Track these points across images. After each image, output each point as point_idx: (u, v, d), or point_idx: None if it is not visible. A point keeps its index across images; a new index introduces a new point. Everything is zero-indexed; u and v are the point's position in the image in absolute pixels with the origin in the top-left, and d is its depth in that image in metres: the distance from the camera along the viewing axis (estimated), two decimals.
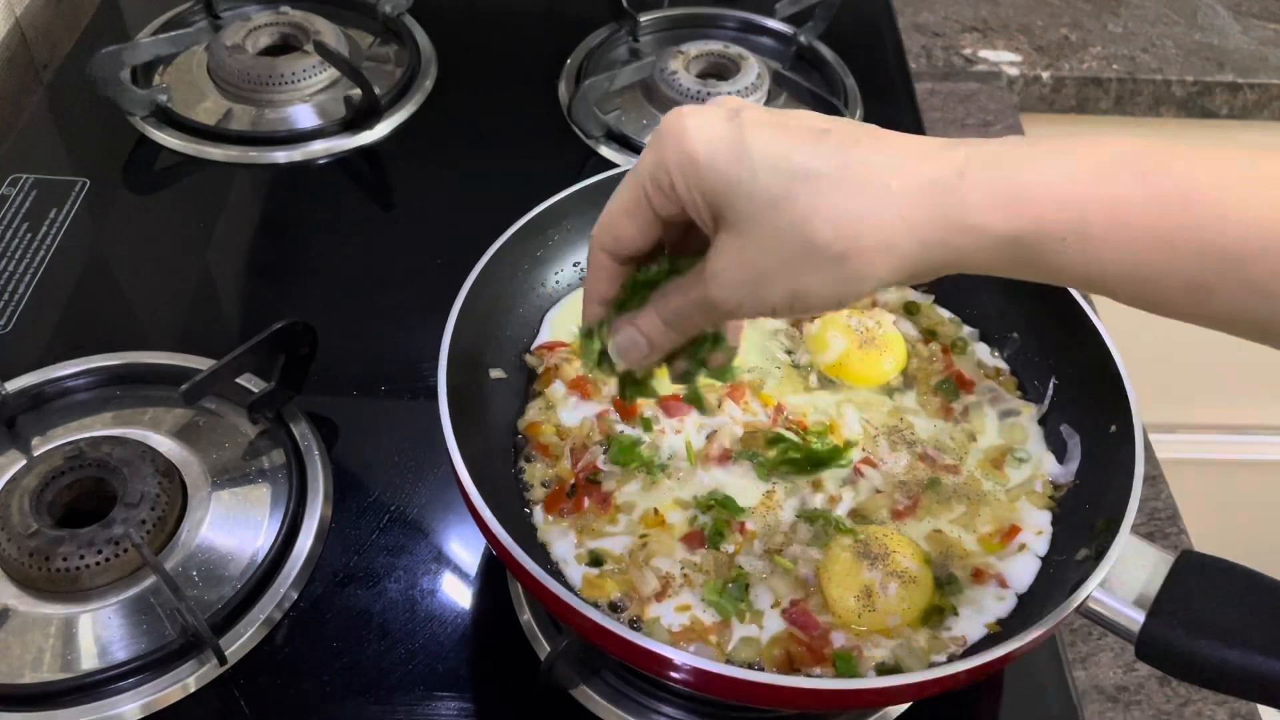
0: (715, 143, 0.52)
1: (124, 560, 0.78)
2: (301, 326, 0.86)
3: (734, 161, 0.52)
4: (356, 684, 0.76)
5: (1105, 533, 0.69)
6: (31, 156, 1.15)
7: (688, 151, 0.53)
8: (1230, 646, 0.60)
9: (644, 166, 0.55)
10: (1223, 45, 1.57)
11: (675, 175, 0.53)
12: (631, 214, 0.57)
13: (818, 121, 0.53)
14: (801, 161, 0.51)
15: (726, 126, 0.52)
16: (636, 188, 0.56)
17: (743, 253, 0.53)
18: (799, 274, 0.52)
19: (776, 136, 0.52)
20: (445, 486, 0.88)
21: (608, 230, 0.59)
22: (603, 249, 0.60)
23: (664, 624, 0.70)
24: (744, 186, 0.51)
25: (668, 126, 0.54)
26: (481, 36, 1.35)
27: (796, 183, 0.50)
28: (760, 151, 0.51)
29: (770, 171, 0.51)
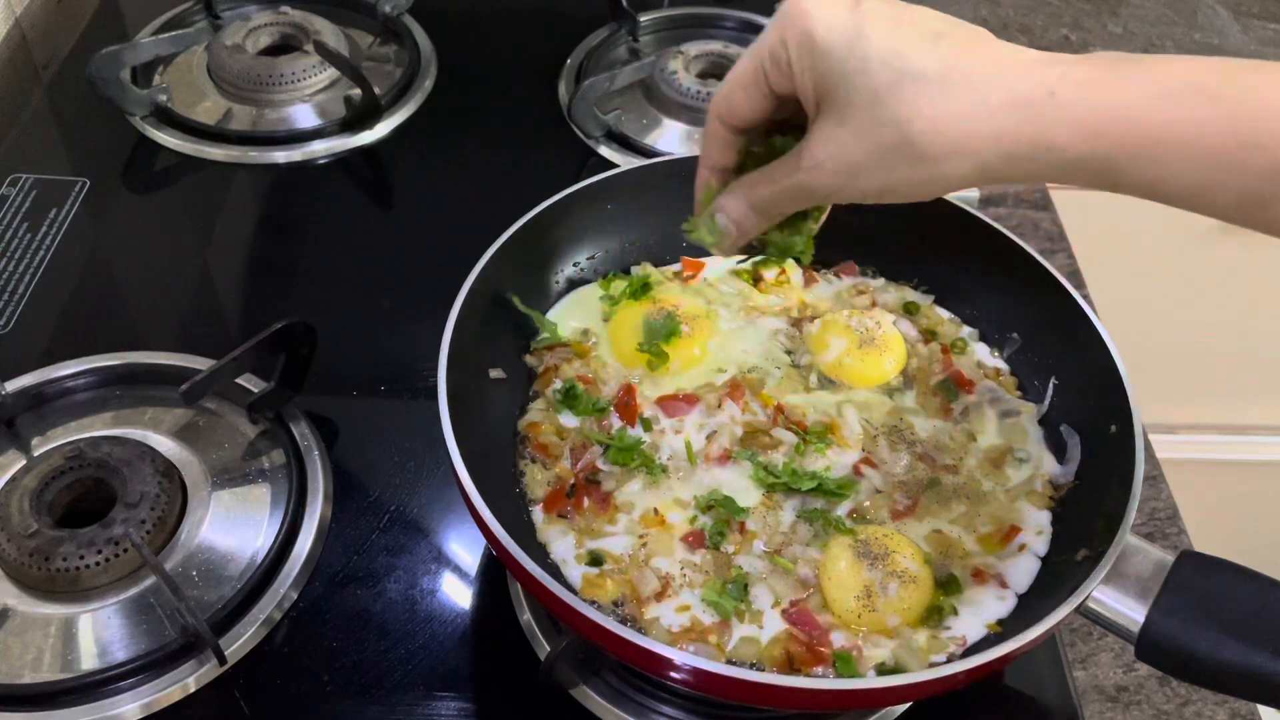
0: (834, 27, 0.54)
1: (124, 560, 0.78)
2: (301, 326, 0.86)
3: (849, 49, 0.54)
4: (356, 684, 0.76)
5: (1105, 533, 0.69)
6: (31, 156, 1.15)
7: (807, 31, 0.55)
8: (1230, 646, 0.60)
9: (765, 41, 0.58)
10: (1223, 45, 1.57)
11: (793, 53, 0.56)
12: (747, 87, 0.60)
13: (934, 23, 0.55)
14: (913, 61, 0.53)
15: (848, 13, 0.55)
16: (756, 61, 0.59)
17: (841, 141, 0.56)
18: (891, 167, 0.55)
19: (893, 31, 0.54)
20: (445, 486, 0.88)
21: (724, 100, 0.62)
22: (718, 117, 0.63)
23: (664, 624, 0.70)
24: (854, 76, 0.54)
25: (792, 10, 0.56)
26: (481, 36, 1.35)
27: (904, 80, 0.53)
28: (876, 44, 0.54)
29: (882, 65, 0.53)
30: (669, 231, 0.93)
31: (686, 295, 0.89)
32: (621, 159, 1.17)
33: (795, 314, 0.89)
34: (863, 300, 0.90)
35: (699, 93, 1.20)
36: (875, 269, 0.94)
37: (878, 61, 0.54)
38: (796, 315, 0.89)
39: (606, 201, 0.90)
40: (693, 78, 1.22)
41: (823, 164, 0.57)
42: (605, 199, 0.90)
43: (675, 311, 0.86)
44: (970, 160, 0.54)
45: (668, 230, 0.93)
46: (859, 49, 0.54)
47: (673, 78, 1.21)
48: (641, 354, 0.84)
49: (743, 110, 0.62)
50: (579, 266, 0.91)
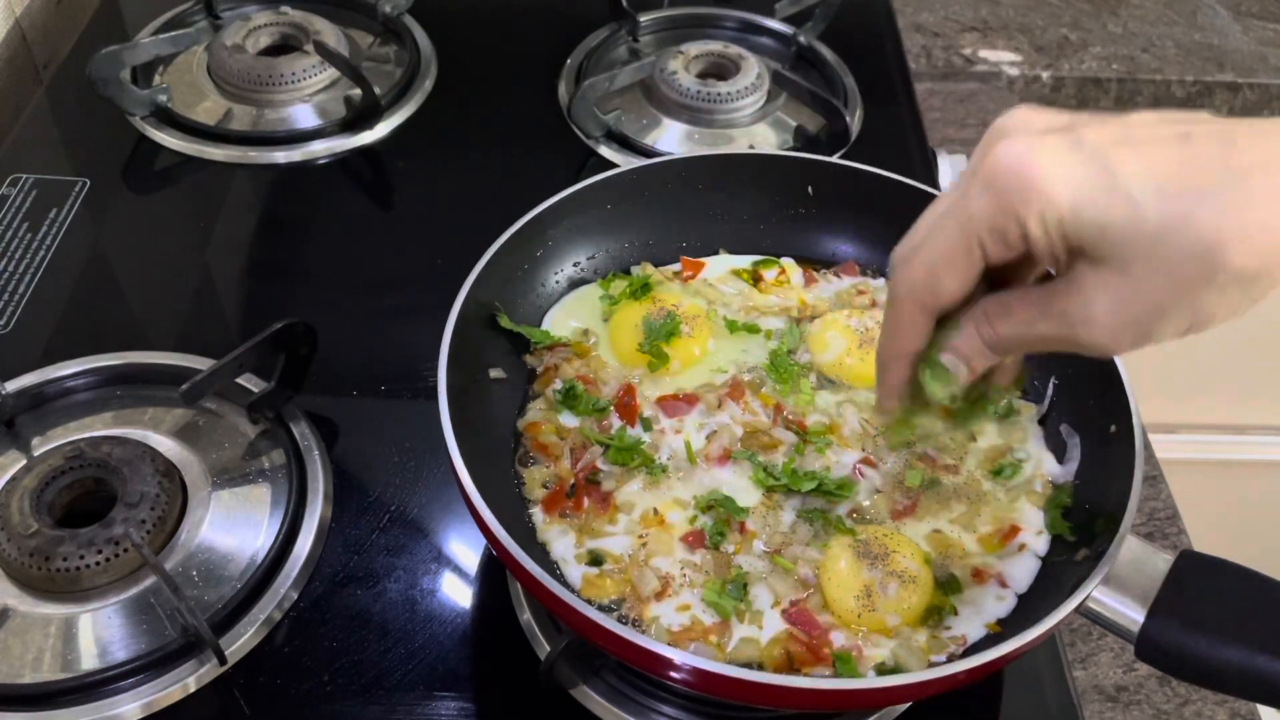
0: (1079, 183, 0.47)
1: (124, 560, 0.78)
2: (301, 326, 0.86)
3: (1107, 198, 0.47)
4: (356, 684, 0.76)
5: (1105, 533, 0.69)
6: (31, 156, 1.15)
7: (1048, 200, 0.47)
8: (1230, 646, 0.60)
9: (977, 214, 0.50)
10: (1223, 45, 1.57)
11: (1032, 225, 0.48)
12: (958, 266, 0.52)
13: (1171, 125, 0.49)
14: (1190, 181, 0.46)
15: (1081, 159, 0.48)
16: (968, 238, 0.51)
17: (1127, 293, 0.48)
18: (1200, 301, 0.47)
19: (1144, 155, 0.47)
20: (445, 486, 0.88)
21: (925, 284, 0.53)
22: (917, 303, 0.54)
23: (664, 624, 0.70)
24: (1126, 222, 0.47)
25: (1006, 169, 0.48)
26: (481, 36, 1.35)
27: (1192, 205, 0.46)
28: (1137, 179, 0.47)
29: (1157, 198, 0.46)
30: (669, 231, 0.93)
31: (686, 295, 0.89)
32: (621, 159, 1.17)
33: (795, 314, 0.89)
34: (863, 300, 0.90)
35: (699, 93, 1.20)
36: (875, 269, 0.94)
37: (1149, 196, 0.46)
38: (796, 315, 0.89)
39: (606, 201, 0.90)
40: (693, 77, 1.22)
41: (1099, 319, 0.49)
42: (605, 199, 0.90)
43: (675, 311, 0.86)
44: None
45: (668, 230, 0.93)
46: (1119, 191, 0.46)
47: (673, 78, 1.21)
48: (642, 354, 0.84)
49: (952, 290, 0.53)
50: (579, 266, 0.91)
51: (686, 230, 0.94)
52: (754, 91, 1.22)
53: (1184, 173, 0.46)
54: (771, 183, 0.93)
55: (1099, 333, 0.50)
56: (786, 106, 1.24)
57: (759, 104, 1.23)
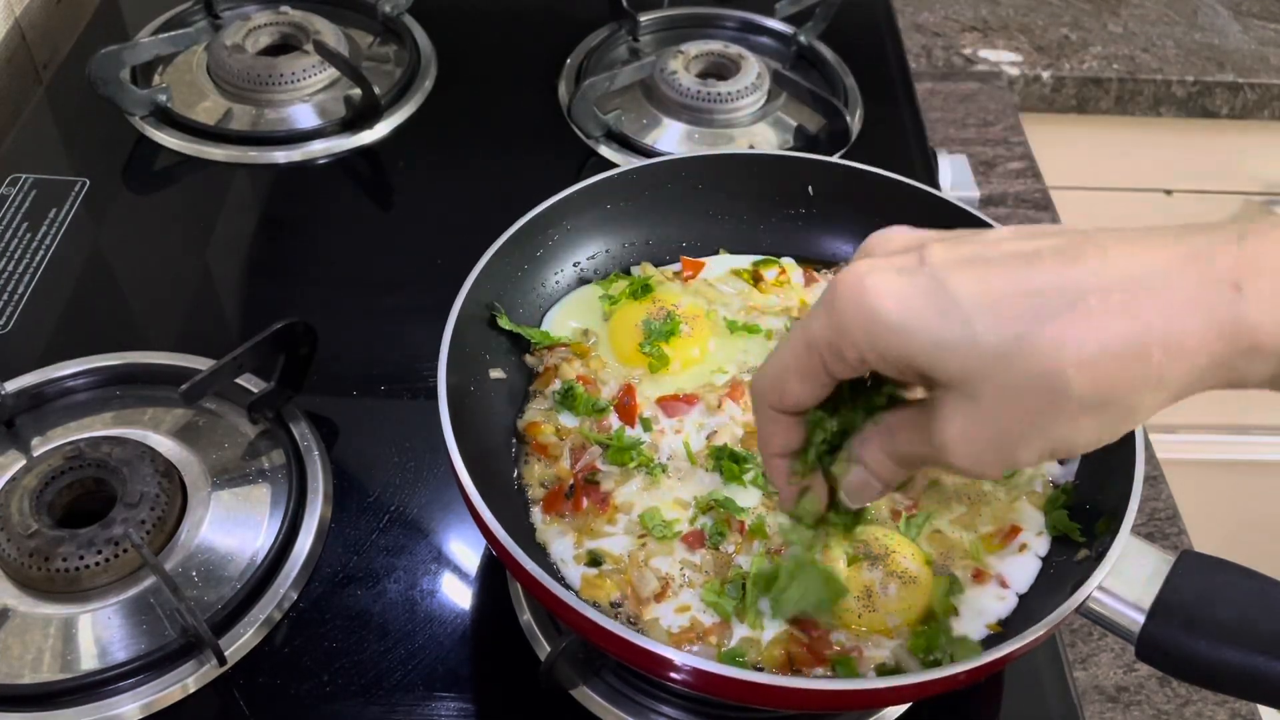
0: (911, 302, 0.45)
1: (124, 560, 0.78)
2: (301, 326, 0.86)
3: (940, 320, 0.45)
4: (356, 684, 0.76)
5: (1105, 533, 0.69)
6: (31, 156, 1.15)
7: (878, 319, 0.46)
8: (1230, 646, 0.60)
9: (818, 333, 0.49)
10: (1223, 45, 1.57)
11: (864, 346, 0.47)
12: (804, 377, 0.51)
13: (1019, 242, 0.46)
14: (1027, 304, 0.43)
15: (916, 280, 0.46)
16: (810, 354, 0.50)
17: (978, 418, 0.46)
18: (1052, 429, 0.45)
19: (984, 275, 0.45)
20: (445, 486, 0.88)
21: (775, 390, 0.53)
22: (770, 406, 0.54)
23: (663, 624, 0.70)
24: (961, 347, 0.44)
25: (844, 290, 0.47)
26: (481, 36, 1.35)
27: (1029, 329, 0.43)
28: (970, 301, 0.44)
29: (992, 322, 0.44)
30: (669, 231, 0.93)
31: (686, 295, 0.89)
32: (621, 159, 1.17)
33: (795, 314, 0.89)
34: None
35: (699, 93, 1.20)
36: None
37: (983, 319, 0.44)
38: (797, 315, 0.89)
39: (606, 201, 0.90)
40: (693, 77, 1.22)
41: (955, 445, 0.47)
42: (605, 199, 0.90)
43: (675, 311, 0.86)
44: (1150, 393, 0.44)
45: (667, 230, 0.93)
46: (952, 313, 0.44)
47: (673, 78, 1.21)
48: (642, 354, 0.84)
49: (798, 397, 0.52)
50: (579, 266, 0.91)
51: (686, 230, 0.94)
52: (754, 91, 1.22)
53: (1023, 294, 0.44)
54: (771, 183, 0.93)
55: (960, 458, 0.48)
56: (786, 106, 1.24)
57: (759, 104, 1.23)
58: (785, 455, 0.56)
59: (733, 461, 0.78)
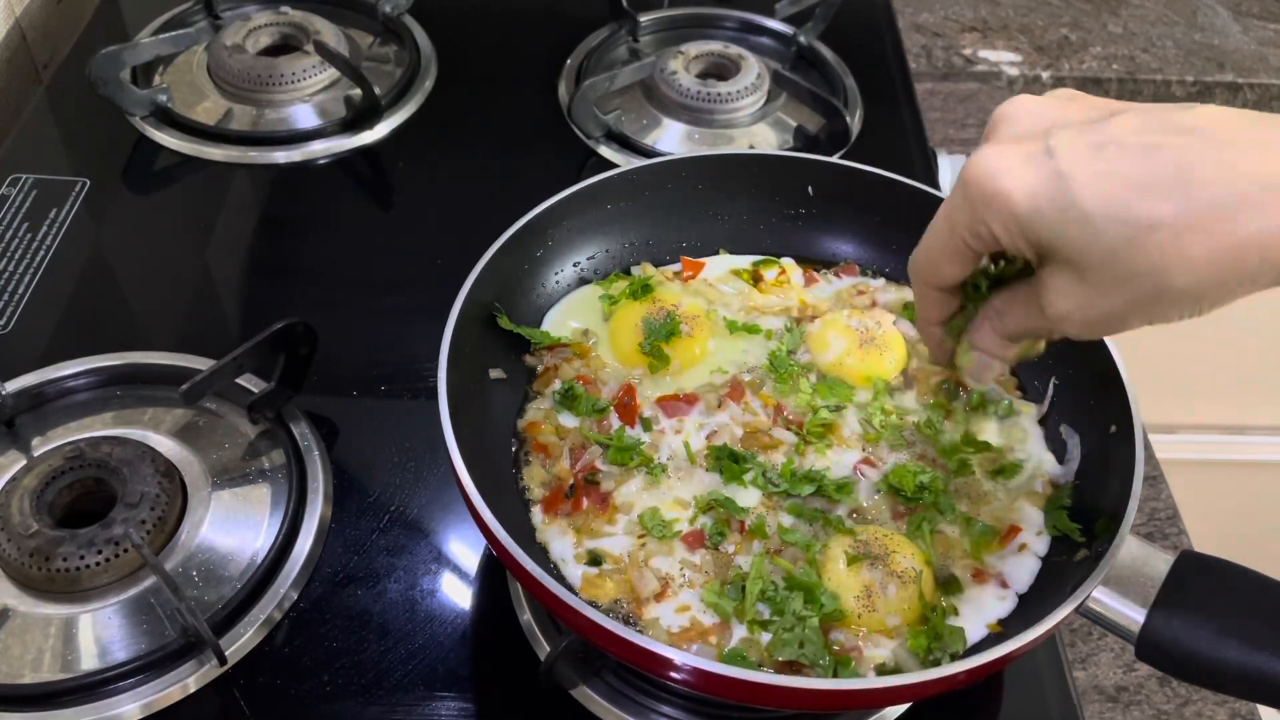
0: (1036, 194, 0.50)
1: (124, 560, 0.78)
2: (301, 326, 0.86)
3: (1061, 212, 0.49)
4: (356, 684, 0.76)
5: (1105, 533, 0.69)
6: (31, 156, 1.15)
7: (1005, 205, 0.51)
8: (1230, 646, 0.60)
9: (958, 220, 0.54)
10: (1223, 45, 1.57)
11: (996, 229, 0.52)
12: (950, 257, 0.57)
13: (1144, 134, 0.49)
14: (1143, 204, 0.48)
15: (1043, 170, 0.50)
16: (953, 236, 0.55)
17: (1088, 295, 0.52)
18: (1153, 310, 0.51)
19: (1104, 173, 0.49)
20: (445, 486, 0.88)
21: (930, 269, 0.59)
22: (923, 281, 0.61)
23: (663, 624, 0.70)
24: (1082, 239, 0.49)
25: (976, 180, 0.52)
26: (481, 36, 1.35)
27: (1140, 230, 0.48)
28: (1093, 198, 0.49)
29: (1108, 220, 0.48)
30: (669, 231, 0.93)
31: (686, 295, 0.89)
32: (621, 159, 1.17)
33: (795, 314, 0.89)
34: (863, 300, 0.90)
35: (699, 93, 1.20)
36: (875, 269, 0.94)
37: (1101, 214, 0.48)
38: (796, 315, 0.89)
39: (606, 201, 0.90)
40: (693, 78, 1.22)
41: (1069, 316, 0.53)
42: (605, 199, 0.90)
43: (675, 311, 0.86)
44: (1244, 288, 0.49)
45: (668, 230, 0.93)
46: (1072, 206, 0.49)
47: (673, 78, 1.21)
48: (642, 354, 0.84)
49: (952, 275, 0.59)
50: (579, 266, 0.91)
51: (686, 230, 0.94)
52: (754, 91, 1.22)
53: (1139, 193, 0.48)
54: (771, 183, 0.93)
55: (1071, 327, 0.55)
56: (786, 106, 1.24)
57: (759, 104, 1.23)
58: (940, 324, 0.64)
59: (733, 461, 0.78)
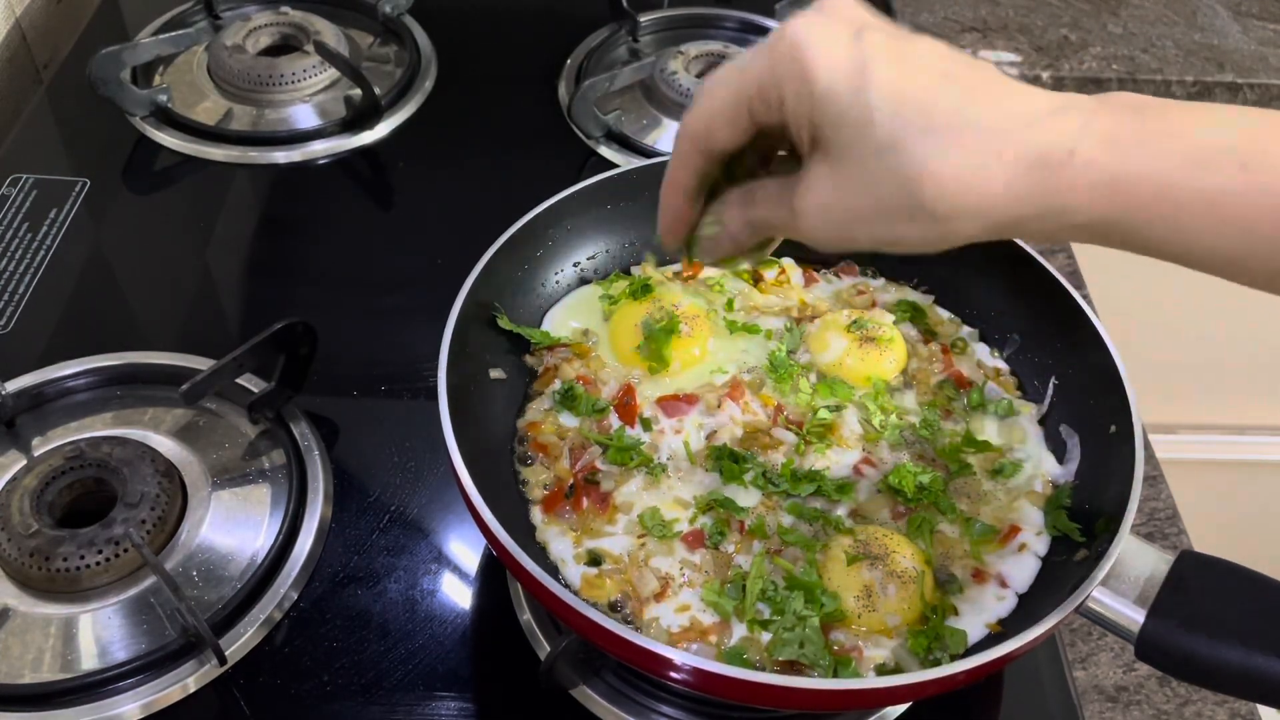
0: (837, 69, 0.50)
1: (124, 560, 0.78)
2: (301, 326, 0.86)
3: (853, 95, 0.49)
4: (356, 684, 0.76)
5: (1105, 533, 0.69)
6: (31, 156, 1.15)
7: (805, 68, 0.50)
8: (1230, 646, 0.60)
9: (753, 72, 0.52)
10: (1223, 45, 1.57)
11: (787, 94, 0.51)
12: (730, 118, 0.55)
13: (942, 60, 0.51)
14: (921, 112, 0.49)
15: (850, 48, 0.50)
16: (741, 93, 0.53)
17: (839, 191, 0.52)
18: (893, 223, 0.51)
19: (900, 73, 0.50)
20: (445, 486, 0.88)
21: (703, 128, 0.56)
22: (694, 146, 0.57)
23: (663, 624, 0.70)
24: (857, 123, 0.50)
25: (787, 38, 0.51)
26: (481, 36, 1.35)
27: (912, 133, 0.49)
28: (883, 87, 0.49)
29: (890, 115, 0.49)
30: None
31: (686, 295, 0.89)
32: (621, 159, 1.17)
33: (795, 314, 0.89)
34: (863, 300, 0.90)
35: None
36: (875, 269, 0.94)
37: (885, 110, 0.49)
38: (796, 315, 0.89)
39: (606, 201, 0.90)
40: (693, 78, 1.22)
41: (810, 211, 0.53)
42: (605, 199, 0.90)
43: (675, 311, 0.86)
44: (980, 219, 0.50)
45: None
46: (864, 93, 0.49)
47: (673, 78, 1.21)
48: (641, 355, 0.84)
49: (722, 139, 0.56)
50: (579, 266, 0.91)
51: None
52: None
53: (922, 104, 0.49)
54: None
55: (811, 225, 0.54)
56: None
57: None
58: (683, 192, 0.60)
59: (733, 461, 0.78)
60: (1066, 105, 0.51)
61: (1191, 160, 0.49)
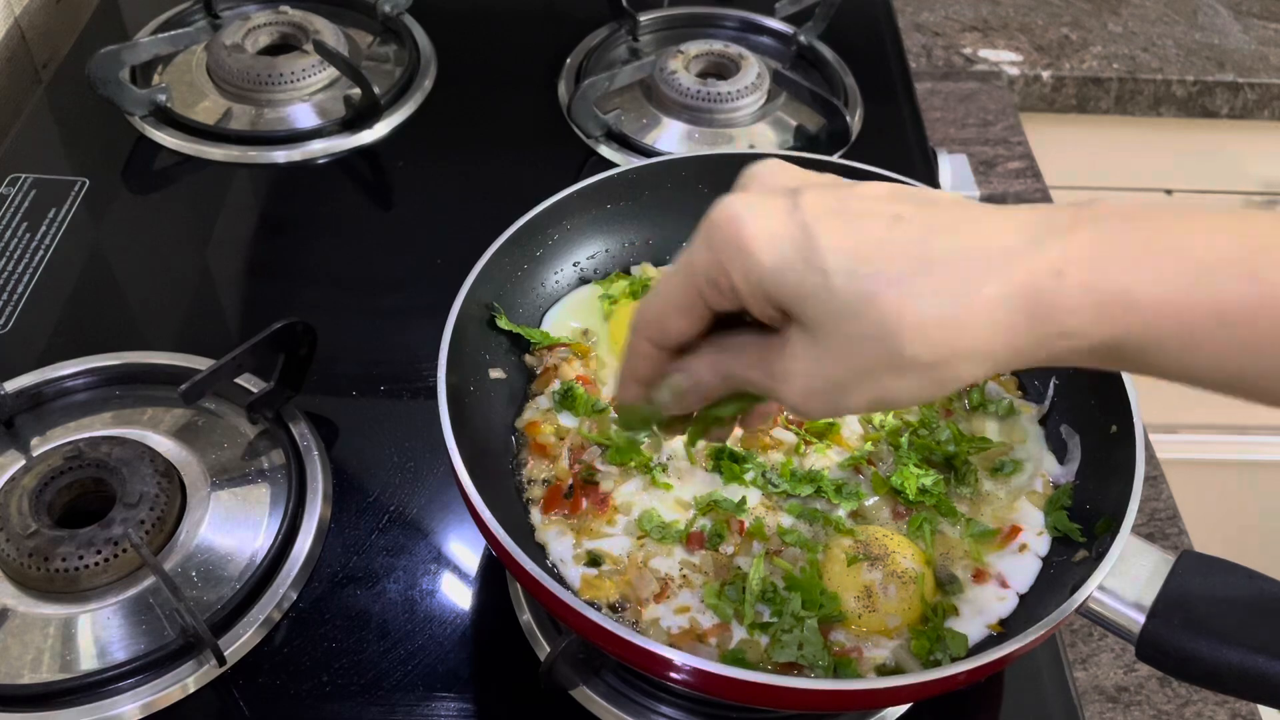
0: (781, 245, 0.48)
1: (123, 560, 0.78)
2: (301, 326, 0.86)
3: (804, 266, 0.47)
4: (356, 684, 0.76)
5: (1105, 533, 0.69)
6: (31, 156, 1.15)
7: (751, 256, 0.48)
8: (1230, 646, 0.60)
9: (698, 264, 0.51)
10: (1223, 45, 1.57)
11: (737, 279, 0.49)
12: (684, 310, 0.53)
13: (887, 203, 0.49)
14: (881, 265, 0.46)
15: (788, 222, 0.48)
16: (690, 286, 0.52)
17: (819, 361, 0.49)
18: (882, 381, 0.48)
19: (848, 231, 0.47)
20: (445, 486, 0.87)
21: (656, 324, 0.55)
22: (650, 340, 0.55)
23: (663, 625, 0.70)
24: (818, 295, 0.47)
25: (721, 224, 0.49)
26: (481, 36, 1.35)
27: (878, 287, 0.46)
28: (833, 254, 0.47)
29: (847, 277, 0.47)
30: (669, 231, 0.93)
31: None
32: (621, 159, 1.17)
33: None
34: None
35: (699, 92, 1.20)
36: None
37: (842, 271, 0.46)
38: None
39: (606, 201, 0.90)
40: (693, 77, 1.22)
41: (792, 379, 0.51)
42: (605, 199, 0.90)
43: None
44: (975, 362, 0.47)
45: (667, 230, 0.93)
46: (815, 261, 0.47)
47: (673, 78, 1.21)
48: None
49: (678, 331, 0.54)
50: (579, 266, 0.91)
51: (686, 230, 0.92)
52: (754, 91, 1.21)
53: (879, 255, 0.47)
54: None
55: (791, 393, 0.51)
56: (786, 106, 1.24)
57: (759, 104, 1.23)
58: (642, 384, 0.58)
59: (733, 461, 0.78)
60: (1042, 229, 0.47)
61: (1196, 272, 0.46)
